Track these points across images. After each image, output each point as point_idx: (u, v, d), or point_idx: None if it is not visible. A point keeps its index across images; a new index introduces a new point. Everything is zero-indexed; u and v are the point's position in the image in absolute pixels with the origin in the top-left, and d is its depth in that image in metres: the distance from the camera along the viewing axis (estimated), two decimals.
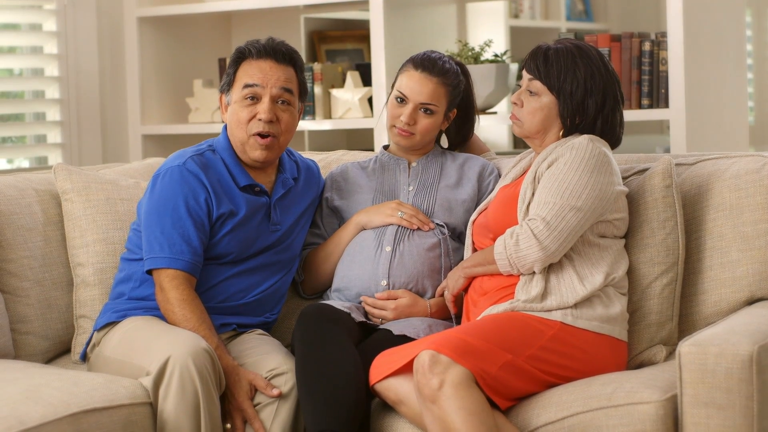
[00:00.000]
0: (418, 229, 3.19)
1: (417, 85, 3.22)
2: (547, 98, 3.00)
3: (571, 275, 2.90)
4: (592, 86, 2.98)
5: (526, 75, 3.03)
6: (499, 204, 3.06)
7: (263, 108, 3.12)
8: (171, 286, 3.02)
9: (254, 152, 3.14)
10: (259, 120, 3.12)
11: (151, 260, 3.06)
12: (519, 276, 2.93)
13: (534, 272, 2.91)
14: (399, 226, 3.20)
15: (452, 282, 3.08)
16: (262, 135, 3.12)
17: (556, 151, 2.97)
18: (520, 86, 3.07)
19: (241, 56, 3.17)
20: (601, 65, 3.00)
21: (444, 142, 3.39)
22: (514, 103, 3.05)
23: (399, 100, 3.24)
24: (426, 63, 3.24)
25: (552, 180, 2.91)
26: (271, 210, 3.20)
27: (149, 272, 3.08)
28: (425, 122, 3.23)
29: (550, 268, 2.92)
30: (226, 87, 3.19)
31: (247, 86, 3.13)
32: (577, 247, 2.93)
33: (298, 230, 3.27)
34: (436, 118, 3.25)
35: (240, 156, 3.18)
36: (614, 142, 3.06)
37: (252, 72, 3.13)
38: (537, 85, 3.01)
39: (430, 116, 3.24)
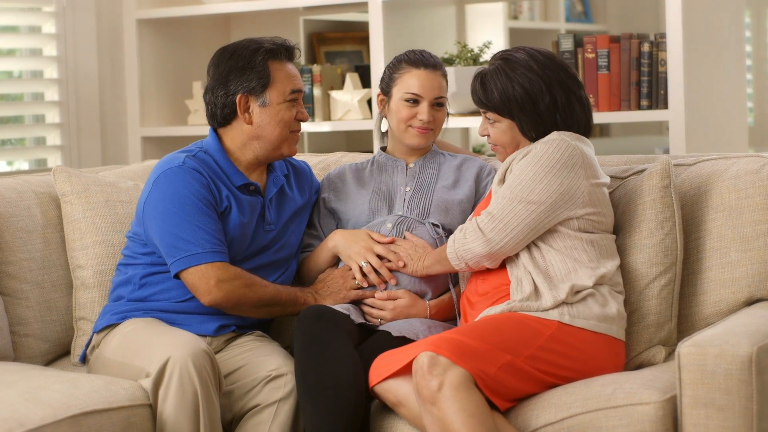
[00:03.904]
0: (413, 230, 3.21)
1: (428, 82, 3.25)
2: (504, 122, 3.04)
3: (556, 270, 2.91)
4: (533, 90, 2.98)
5: (479, 108, 3.07)
6: (485, 205, 3.07)
7: (301, 110, 3.20)
8: (228, 277, 3.02)
9: (292, 147, 3.20)
10: (298, 120, 3.20)
11: (187, 259, 3.03)
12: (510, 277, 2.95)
13: (488, 268, 2.94)
14: (395, 225, 3.21)
15: (412, 269, 3.10)
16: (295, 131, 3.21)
17: (529, 147, 2.98)
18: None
19: (273, 55, 3.16)
20: (534, 65, 2.99)
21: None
22: (483, 136, 3.10)
23: (411, 101, 3.25)
24: (426, 60, 3.27)
25: (512, 176, 2.94)
26: (265, 210, 3.20)
27: (178, 276, 3.05)
28: (440, 115, 3.29)
29: (533, 264, 2.92)
30: (259, 88, 3.15)
31: (294, 91, 3.17)
32: (557, 242, 2.93)
33: (293, 229, 3.27)
34: (445, 109, 3.30)
35: (266, 155, 3.18)
36: (584, 128, 3.03)
37: (294, 74, 3.17)
38: (490, 114, 3.05)
39: (442, 109, 3.29)
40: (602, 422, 2.68)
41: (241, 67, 3.14)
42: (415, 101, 3.25)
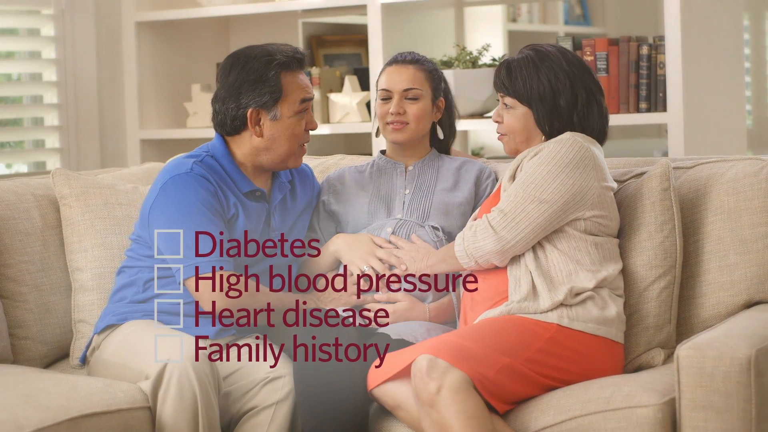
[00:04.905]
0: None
1: (395, 75, 3.28)
2: (521, 110, 3.04)
3: (557, 270, 2.91)
4: (558, 86, 3.00)
5: (497, 93, 3.07)
6: (492, 201, 3.07)
7: (311, 119, 3.19)
8: (232, 285, 3.01)
9: (298, 160, 3.21)
10: (308, 131, 3.19)
11: (192, 266, 3.01)
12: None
13: (497, 266, 2.93)
14: (395, 228, 3.21)
15: (415, 269, 3.10)
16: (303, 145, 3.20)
17: (541, 145, 2.99)
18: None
19: (286, 67, 3.13)
20: (563, 62, 3.01)
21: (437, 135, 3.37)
22: (497, 122, 3.09)
23: (383, 99, 3.28)
24: (398, 56, 3.32)
25: (523, 173, 2.94)
26: (271, 216, 3.20)
27: (183, 282, 3.04)
28: (414, 108, 3.26)
29: (535, 264, 2.92)
30: (271, 102, 3.12)
31: (305, 100, 3.14)
32: (562, 242, 2.93)
33: (296, 233, 3.27)
34: (423, 103, 3.27)
35: (272, 166, 3.18)
36: (598, 133, 3.05)
37: (305, 84, 3.16)
38: (508, 100, 3.05)
39: (417, 102, 3.27)
40: (601, 425, 2.68)
41: (254, 81, 3.11)
42: (387, 98, 3.27)
